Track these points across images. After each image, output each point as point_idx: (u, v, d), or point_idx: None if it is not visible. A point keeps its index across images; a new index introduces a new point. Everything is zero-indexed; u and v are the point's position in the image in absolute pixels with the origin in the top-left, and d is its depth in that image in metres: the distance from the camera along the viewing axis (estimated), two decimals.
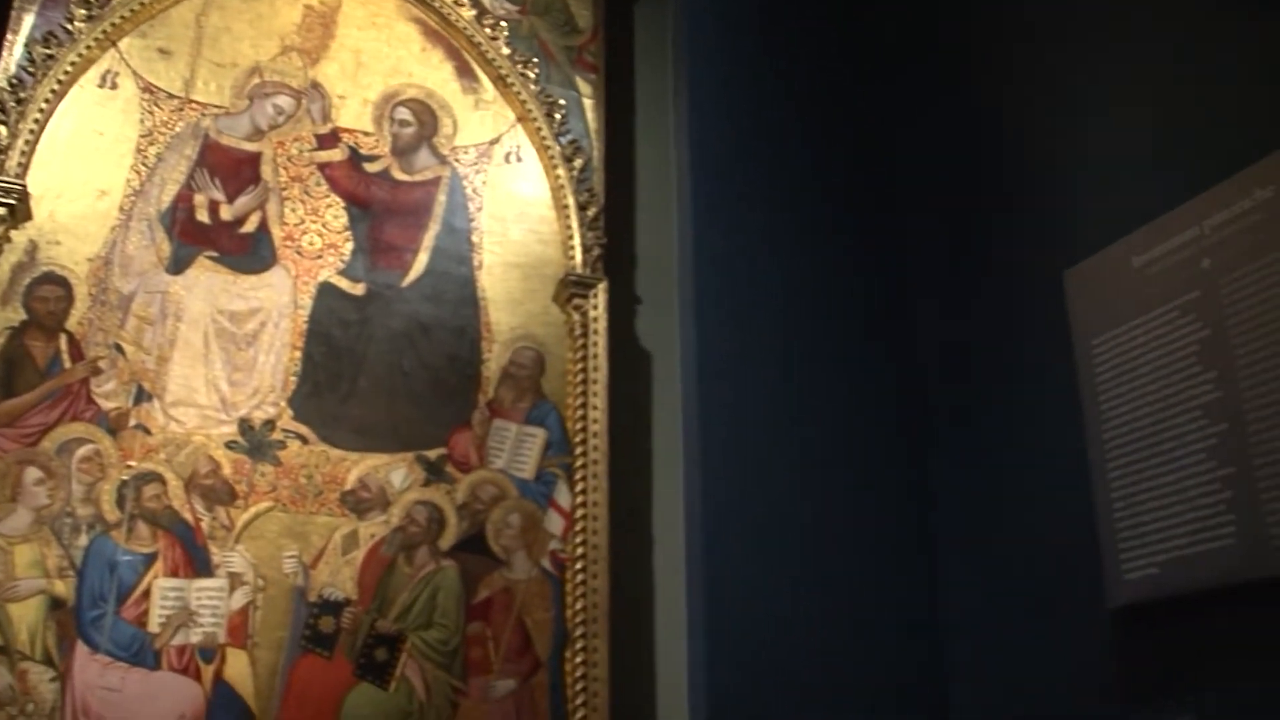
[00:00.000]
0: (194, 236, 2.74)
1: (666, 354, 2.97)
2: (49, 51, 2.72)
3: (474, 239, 2.96)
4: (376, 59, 3.05)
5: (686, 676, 2.63)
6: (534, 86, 3.11)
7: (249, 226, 2.80)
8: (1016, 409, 2.58)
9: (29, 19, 2.75)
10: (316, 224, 2.85)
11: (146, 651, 2.38)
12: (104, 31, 2.80)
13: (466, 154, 3.04)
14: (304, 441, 2.65)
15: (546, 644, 2.63)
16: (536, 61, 3.14)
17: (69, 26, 2.76)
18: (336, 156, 2.93)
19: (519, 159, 3.07)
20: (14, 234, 2.58)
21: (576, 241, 2.97)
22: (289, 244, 2.81)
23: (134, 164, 2.75)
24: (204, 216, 2.77)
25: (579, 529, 2.71)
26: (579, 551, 2.68)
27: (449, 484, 2.71)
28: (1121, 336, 2.23)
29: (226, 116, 2.88)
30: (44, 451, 2.46)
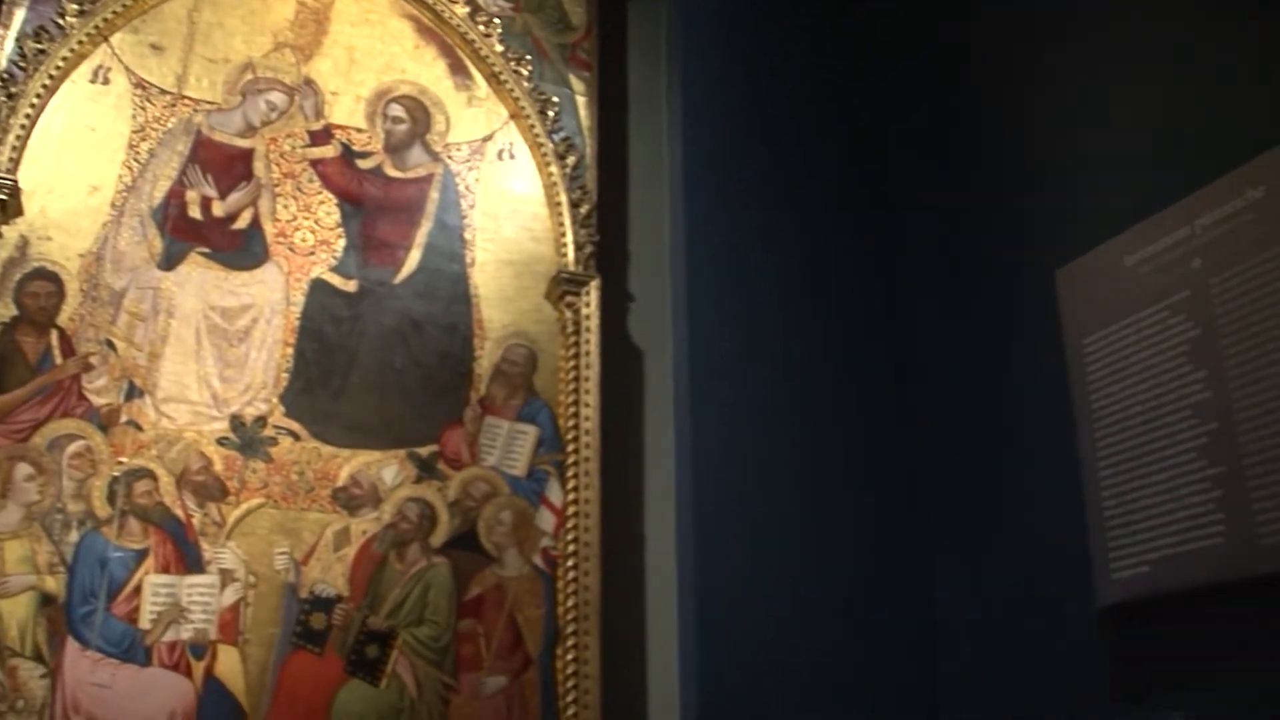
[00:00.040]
0: (186, 232, 2.73)
1: (659, 351, 2.97)
2: (40, 46, 2.71)
3: (466, 236, 2.95)
4: (369, 55, 3.04)
5: (678, 674, 2.62)
6: (527, 84, 3.10)
7: (241, 223, 2.79)
8: (1007, 408, 2.58)
9: (20, 13, 2.74)
10: (309, 220, 2.84)
11: (137, 648, 2.38)
12: (96, 27, 2.79)
13: (459, 151, 3.03)
14: (296, 438, 2.65)
15: (538, 641, 2.63)
16: (530, 59, 3.14)
17: (61, 21, 2.75)
18: (329, 153, 2.92)
19: (512, 156, 3.07)
20: (5, 229, 2.57)
21: (569, 239, 2.96)
22: (281, 240, 2.80)
23: (126, 160, 2.74)
24: (196, 212, 2.76)
25: (571, 526, 2.71)
26: (570, 549, 2.68)
27: (441, 481, 2.70)
28: (1112, 335, 2.23)
29: (219, 112, 2.87)
30: (35, 447, 2.45)
